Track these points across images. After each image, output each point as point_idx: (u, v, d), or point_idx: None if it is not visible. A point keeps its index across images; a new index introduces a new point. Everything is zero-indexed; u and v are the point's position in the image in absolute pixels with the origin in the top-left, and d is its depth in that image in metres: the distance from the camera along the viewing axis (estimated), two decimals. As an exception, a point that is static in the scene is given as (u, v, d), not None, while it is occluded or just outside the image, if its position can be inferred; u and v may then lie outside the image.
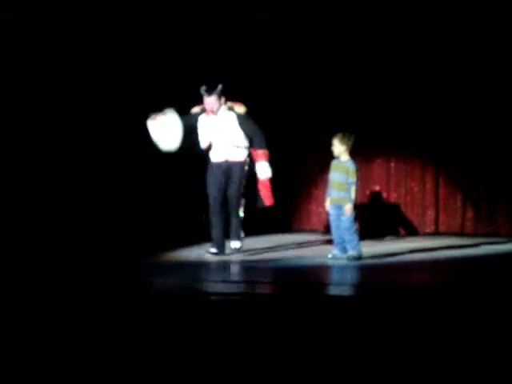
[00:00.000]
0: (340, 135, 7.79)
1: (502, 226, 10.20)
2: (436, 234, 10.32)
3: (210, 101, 7.92)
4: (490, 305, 5.24)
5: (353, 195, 7.69)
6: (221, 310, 5.24)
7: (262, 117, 8.10)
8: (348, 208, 7.65)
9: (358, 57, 10.36)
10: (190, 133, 7.93)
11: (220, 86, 7.89)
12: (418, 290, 6.15)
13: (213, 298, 5.68)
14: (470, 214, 10.36)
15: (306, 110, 10.65)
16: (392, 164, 10.61)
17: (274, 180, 8.10)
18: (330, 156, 7.95)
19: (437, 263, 8.02)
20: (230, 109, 8.01)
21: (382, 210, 10.64)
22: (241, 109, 8.04)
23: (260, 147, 8.03)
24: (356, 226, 7.68)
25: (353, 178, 7.70)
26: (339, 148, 7.76)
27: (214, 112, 7.95)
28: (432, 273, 7.52)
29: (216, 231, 7.98)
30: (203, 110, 8.05)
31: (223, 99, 7.98)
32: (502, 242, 9.40)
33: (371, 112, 10.43)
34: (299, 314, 5.07)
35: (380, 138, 10.47)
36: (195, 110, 8.10)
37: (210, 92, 7.90)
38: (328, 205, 7.81)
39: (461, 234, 10.25)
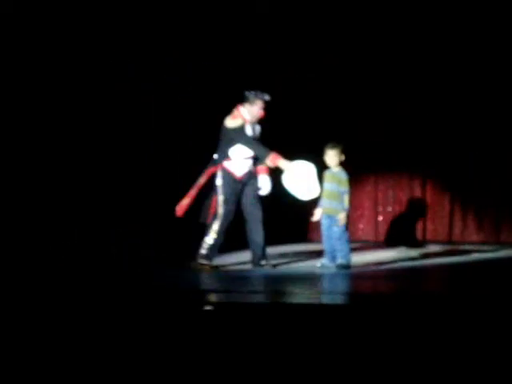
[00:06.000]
0: (336, 146, 7.73)
1: (489, 234, 10.32)
2: (424, 242, 10.41)
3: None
4: (480, 311, 5.30)
5: (346, 204, 7.72)
6: (210, 319, 5.26)
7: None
8: (342, 217, 7.66)
9: (345, 72, 10.49)
10: None
11: None
12: (407, 297, 6.19)
13: (204, 307, 5.68)
14: (457, 223, 10.45)
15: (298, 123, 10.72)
16: (379, 174, 10.69)
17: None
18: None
19: (426, 271, 8.09)
20: None
21: (371, 220, 10.70)
22: None
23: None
24: (347, 235, 7.72)
25: (345, 187, 7.71)
26: (335, 159, 7.73)
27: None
28: (421, 281, 7.58)
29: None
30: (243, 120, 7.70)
31: None
32: (490, 250, 9.49)
33: (358, 122, 10.54)
34: (290, 322, 5.11)
35: (368, 148, 10.57)
36: (238, 122, 7.66)
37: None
38: (319, 214, 7.83)
39: (448, 242, 10.35)
